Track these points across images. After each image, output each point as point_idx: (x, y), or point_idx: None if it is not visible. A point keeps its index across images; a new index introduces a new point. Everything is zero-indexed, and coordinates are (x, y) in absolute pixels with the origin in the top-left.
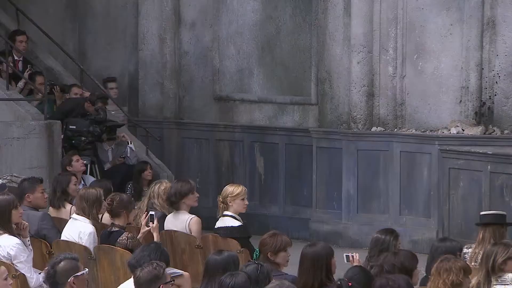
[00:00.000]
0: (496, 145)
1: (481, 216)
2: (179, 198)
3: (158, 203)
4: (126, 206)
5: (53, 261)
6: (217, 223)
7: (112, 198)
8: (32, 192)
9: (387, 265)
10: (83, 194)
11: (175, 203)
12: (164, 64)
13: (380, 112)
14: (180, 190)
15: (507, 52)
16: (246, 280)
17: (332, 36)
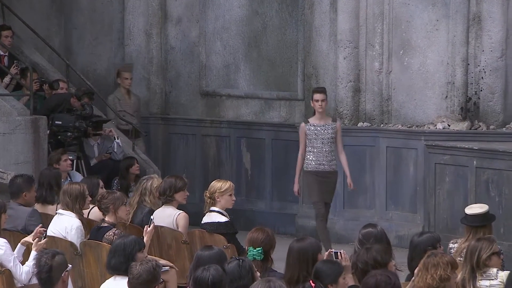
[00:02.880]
0: (482, 141)
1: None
2: (173, 192)
3: (149, 200)
4: (118, 203)
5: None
6: (203, 218)
7: (102, 194)
8: (29, 191)
9: (360, 262)
10: (67, 189)
11: (169, 197)
12: (151, 60)
13: (366, 108)
14: (175, 185)
15: (492, 48)
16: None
17: (318, 31)
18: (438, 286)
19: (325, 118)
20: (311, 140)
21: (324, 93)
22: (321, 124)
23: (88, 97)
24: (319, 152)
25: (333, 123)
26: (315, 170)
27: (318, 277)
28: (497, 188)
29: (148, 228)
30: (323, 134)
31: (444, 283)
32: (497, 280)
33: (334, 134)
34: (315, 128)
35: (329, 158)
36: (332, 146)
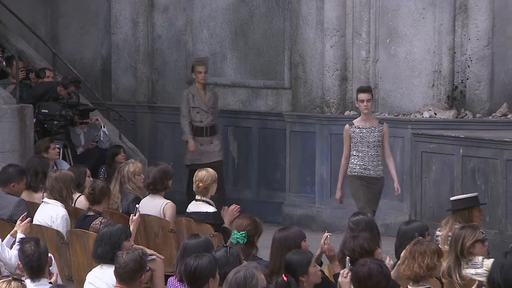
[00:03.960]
0: (468, 129)
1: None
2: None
3: (130, 187)
4: (107, 193)
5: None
6: (189, 207)
7: (93, 186)
8: (18, 182)
9: (347, 250)
10: (58, 176)
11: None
12: (137, 48)
13: (353, 96)
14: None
15: (479, 36)
16: (210, 261)
17: (305, 20)
18: (425, 274)
19: (371, 120)
20: (356, 144)
21: (369, 93)
22: (367, 126)
23: (75, 85)
24: (365, 157)
25: (380, 126)
26: (360, 175)
27: (289, 270)
28: (483, 177)
29: (133, 217)
30: (368, 137)
31: (431, 272)
32: (482, 268)
33: (381, 138)
34: (360, 131)
35: (375, 163)
36: (379, 150)
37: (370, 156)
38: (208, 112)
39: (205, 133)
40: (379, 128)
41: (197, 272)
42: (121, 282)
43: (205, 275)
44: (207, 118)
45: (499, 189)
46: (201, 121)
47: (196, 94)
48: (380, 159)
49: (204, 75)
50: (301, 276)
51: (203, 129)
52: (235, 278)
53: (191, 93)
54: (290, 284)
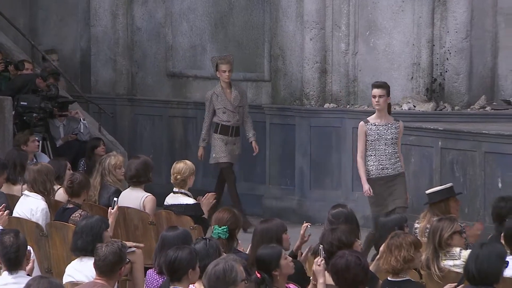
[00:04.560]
0: (447, 121)
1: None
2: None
3: (110, 179)
4: (86, 185)
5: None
6: (167, 199)
7: (72, 179)
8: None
9: (325, 243)
10: (41, 168)
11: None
12: (117, 40)
13: (332, 89)
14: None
15: (457, 29)
16: (190, 253)
17: (285, 12)
18: (402, 267)
19: (386, 117)
20: (373, 142)
21: (383, 88)
22: (383, 123)
23: (54, 78)
24: (382, 155)
25: (396, 123)
26: (378, 176)
27: (261, 266)
28: (462, 169)
29: (112, 210)
30: (386, 134)
31: (408, 264)
32: (460, 260)
33: (397, 135)
34: (377, 128)
35: (393, 161)
36: (396, 148)
37: (387, 154)
38: (234, 112)
39: (230, 133)
40: (395, 125)
41: (176, 263)
42: (101, 275)
43: (184, 266)
44: (233, 118)
45: (477, 181)
46: (228, 120)
47: (221, 94)
48: (398, 156)
49: (229, 74)
50: (274, 270)
51: (229, 128)
52: (214, 271)
53: (216, 93)
54: (265, 280)
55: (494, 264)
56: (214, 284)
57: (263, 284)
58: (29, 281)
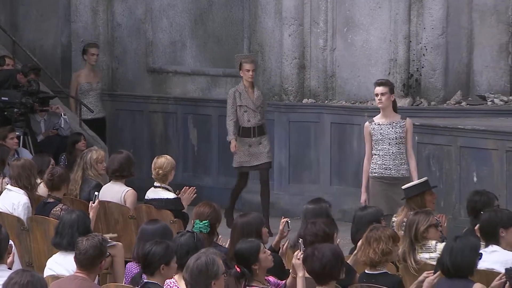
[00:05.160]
0: (423, 116)
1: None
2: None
3: (92, 173)
4: (66, 179)
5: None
6: (148, 194)
7: (52, 172)
8: None
9: (308, 235)
10: (24, 164)
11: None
12: (97, 36)
13: (311, 84)
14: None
15: (433, 26)
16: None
17: (264, 9)
18: (380, 260)
19: (392, 116)
20: (377, 142)
21: (385, 86)
22: (387, 122)
23: (35, 73)
24: (385, 155)
25: (402, 121)
26: (381, 175)
27: (241, 260)
28: (438, 163)
29: (93, 204)
30: (389, 133)
31: (386, 257)
32: (436, 253)
33: (404, 134)
34: (380, 127)
35: (396, 162)
36: (402, 148)
37: (391, 154)
38: (256, 111)
39: (252, 134)
40: (401, 123)
41: (149, 256)
42: (81, 268)
43: (156, 260)
44: (254, 118)
45: (453, 175)
46: (249, 120)
47: (244, 92)
48: (404, 157)
49: (253, 73)
50: (253, 264)
51: (250, 129)
52: (196, 265)
53: (238, 91)
54: (244, 274)
55: (468, 256)
56: (196, 277)
57: (242, 278)
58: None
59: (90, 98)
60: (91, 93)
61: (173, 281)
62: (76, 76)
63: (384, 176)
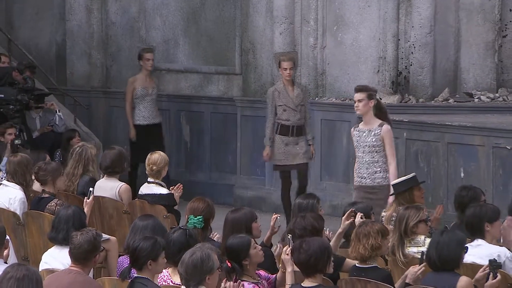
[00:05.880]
0: (411, 113)
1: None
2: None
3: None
4: (53, 173)
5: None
6: (141, 189)
7: (39, 166)
8: None
9: (297, 229)
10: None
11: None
12: (91, 35)
13: (301, 81)
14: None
15: (422, 24)
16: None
17: (255, 8)
18: (370, 255)
19: (371, 122)
20: (355, 148)
21: (362, 92)
22: (366, 129)
23: (30, 70)
24: (360, 163)
25: (378, 128)
26: (358, 185)
27: (231, 256)
28: (426, 159)
29: (87, 200)
30: (364, 141)
31: (376, 252)
32: (424, 247)
33: (379, 142)
34: (359, 134)
35: (370, 170)
36: (376, 156)
37: (364, 163)
38: (295, 110)
39: (291, 133)
40: (376, 131)
41: (137, 251)
42: (76, 262)
43: (143, 255)
44: (294, 117)
45: (441, 171)
46: (288, 119)
47: (283, 91)
48: (380, 165)
49: (290, 71)
50: (244, 259)
51: (289, 128)
52: (191, 260)
53: (277, 90)
54: (235, 269)
55: (454, 250)
56: (191, 272)
57: (233, 273)
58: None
59: (146, 104)
60: (146, 99)
61: (167, 274)
62: (132, 82)
63: (362, 185)
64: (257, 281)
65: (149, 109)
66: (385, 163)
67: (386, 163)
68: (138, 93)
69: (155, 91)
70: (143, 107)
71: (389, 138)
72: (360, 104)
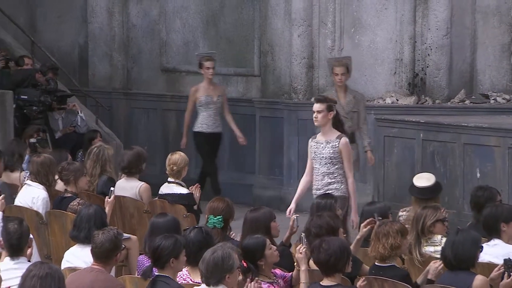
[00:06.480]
0: (428, 114)
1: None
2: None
3: (110, 169)
4: (74, 173)
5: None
6: (162, 189)
7: (62, 166)
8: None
9: (313, 227)
10: (44, 161)
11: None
12: (113, 37)
13: (319, 83)
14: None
15: (438, 26)
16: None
17: (274, 10)
18: (389, 254)
19: (329, 134)
20: (312, 160)
21: (322, 103)
22: (323, 141)
23: (53, 72)
24: (316, 174)
25: (336, 140)
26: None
27: (247, 256)
28: (442, 159)
29: (108, 199)
30: (321, 153)
31: (396, 251)
32: (441, 246)
33: (336, 154)
34: (316, 146)
35: (324, 182)
36: (331, 168)
37: (320, 174)
38: (346, 117)
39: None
40: (333, 143)
41: (159, 250)
42: (97, 261)
43: (165, 254)
44: (345, 124)
45: (457, 172)
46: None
47: (334, 97)
48: (335, 176)
49: (342, 77)
50: (259, 260)
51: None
52: (212, 258)
53: None
54: (250, 269)
55: (469, 249)
56: (212, 270)
57: (249, 273)
58: (29, 267)
59: (210, 112)
60: (210, 107)
61: (186, 273)
62: (194, 91)
63: None
64: (272, 280)
65: (213, 117)
66: (341, 175)
67: (342, 175)
68: (203, 101)
69: (220, 99)
70: (207, 114)
71: (346, 151)
72: (319, 115)
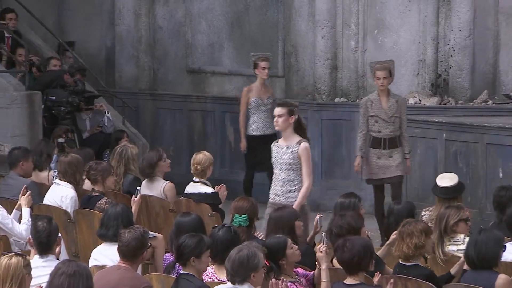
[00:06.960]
0: (450, 115)
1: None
2: (153, 167)
3: (133, 167)
4: (102, 172)
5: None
6: (187, 188)
7: (90, 165)
8: (26, 160)
9: (335, 227)
10: (71, 160)
11: (150, 173)
12: (139, 39)
13: (343, 84)
14: (151, 161)
15: (461, 27)
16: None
17: (298, 12)
18: (414, 254)
19: (290, 139)
20: (273, 165)
21: (283, 107)
22: (284, 145)
23: (80, 73)
24: (276, 180)
25: (296, 145)
26: (272, 201)
27: (269, 256)
28: (465, 159)
29: (135, 198)
30: (282, 158)
31: (420, 250)
32: (463, 245)
33: (295, 160)
34: (277, 150)
35: (284, 189)
36: (292, 175)
37: (280, 180)
38: (388, 122)
39: (383, 145)
40: (293, 148)
41: (181, 248)
42: (124, 259)
43: (187, 252)
44: (386, 129)
45: (479, 171)
46: (379, 131)
47: (376, 101)
48: (295, 184)
49: (384, 81)
50: (281, 259)
51: (380, 140)
52: (238, 256)
53: (370, 100)
54: (272, 268)
55: (492, 248)
56: (237, 268)
57: (271, 272)
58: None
59: (260, 114)
60: (261, 108)
61: (211, 271)
62: (247, 91)
63: (275, 203)
64: (294, 279)
65: (264, 119)
66: (301, 182)
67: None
68: (253, 103)
69: (270, 101)
70: (257, 117)
71: (305, 156)
72: (280, 120)
